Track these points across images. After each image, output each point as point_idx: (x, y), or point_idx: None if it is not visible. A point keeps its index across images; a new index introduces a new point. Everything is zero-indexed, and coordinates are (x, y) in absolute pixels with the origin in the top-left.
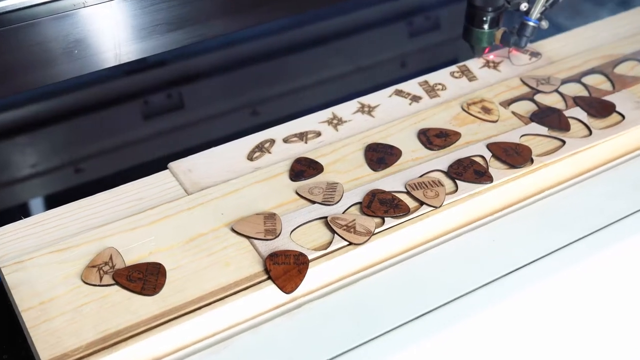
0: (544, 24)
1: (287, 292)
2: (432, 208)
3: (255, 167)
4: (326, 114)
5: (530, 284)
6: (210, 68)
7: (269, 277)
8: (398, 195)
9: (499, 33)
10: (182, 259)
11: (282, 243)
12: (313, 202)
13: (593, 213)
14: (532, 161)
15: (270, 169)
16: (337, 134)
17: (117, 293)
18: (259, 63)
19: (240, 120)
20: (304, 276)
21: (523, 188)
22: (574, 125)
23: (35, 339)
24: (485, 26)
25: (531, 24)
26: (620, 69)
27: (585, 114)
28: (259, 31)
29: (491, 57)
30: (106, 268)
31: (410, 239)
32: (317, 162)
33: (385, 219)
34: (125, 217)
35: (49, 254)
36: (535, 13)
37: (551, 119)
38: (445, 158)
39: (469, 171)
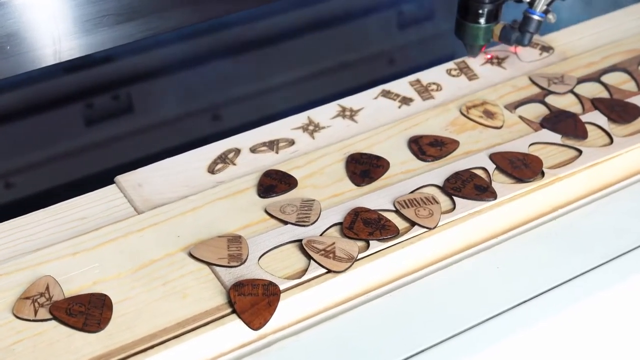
0: (551, 18)
1: (255, 329)
2: (425, 229)
3: (218, 182)
4: (301, 118)
5: (540, 319)
6: (164, 65)
7: (234, 311)
8: (385, 214)
9: (497, 28)
10: (132, 290)
11: (249, 271)
12: (285, 223)
13: (615, 234)
14: (542, 174)
15: (234, 183)
16: (313, 143)
17: (55, 329)
18: (221, 59)
19: (199, 126)
20: (275, 309)
21: (532, 206)
22: (592, 132)
23: None
24: (482, 20)
25: (536, 17)
26: None
27: (605, 118)
28: (220, 22)
29: (488, 56)
30: (42, 300)
31: (400, 266)
32: (290, 176)
33: (370, 242)
34: (65, 240)
35: None
36: (541, 5)
37: (565, 124)
38: (441, 171)
39: (468, 186)
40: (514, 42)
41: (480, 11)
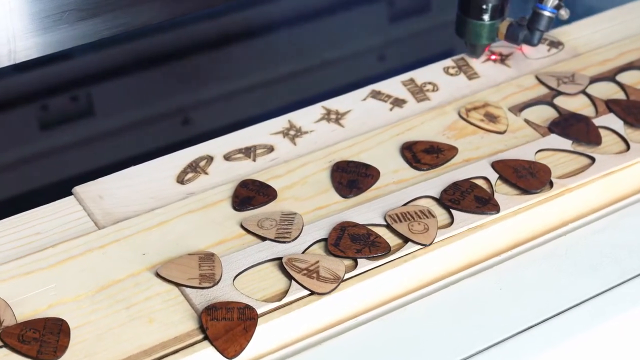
0: (564, 14)
1: (230, 357)
2: (419, 246)
3: (188, 193)
4: (281, 122)
5: (547, 347)
6: (128, 62)
7: (206, 337)
8: (375, 229)
9: (503, 26)
10: (92, 314)
11: (223, 292)
12: (263, 239)
13: (631, 253)
14: (551, 185)
15: (206, 195)
16: (295, 149)
17: (6, 358)
18: (192, 56)
19: (167, 130)
20: (252, 336)
21: (539, 220)
22: (607, 137)
23: None
24: (485, 17)
25: (547, 13)
26: None
27: (621, 122)
28: (191, 16)
29: (493, 57)
30: None
31: (391, 287)
32: (268, 186)
33: (359, 260)
34: (17, 258)
35: None
36: None
37: (576, 129)
38: (438, 181)
39: (468, 198)
40: (522, 42)
41: (484, 6)
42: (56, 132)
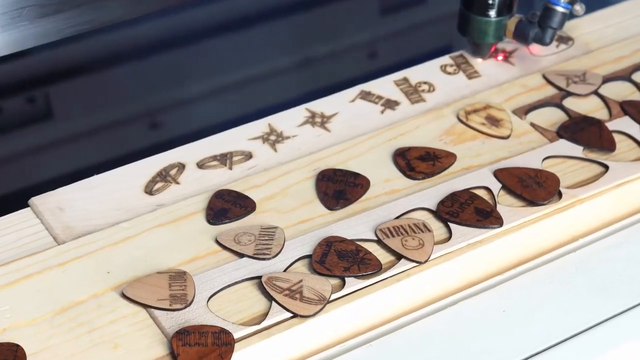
0: (579, 9)
1: None
2: (414, 264)
3: (157, 204)
4: (260, 126)
5: None
6: (90, 60)
7: None
8: (365, 245)
9: (511, 23)
10: (50, 338)
11: (196, 315)
12: (241, 255)
13: None
14: (559, 196)
15: (178, 206)
16: (275, 156)
17: None
18: (161, 53)
19: (134, 135)
20: None
21: (547, 235)
22: (621, 143)
23: None
24: (492, 13)
25: (560, 9)
26: None
27: (637, 126)
28: (162, 9)
29: (500, 59)
30: None
31: (382, 309)
32: (246, 197)
33: (346, 279)
34: None
35: None
36: None
37: (588, 133)
38: (434, 191)
39: (467, 210)
40: (533, 40)
41: (491, 1)
42: (11, 137)
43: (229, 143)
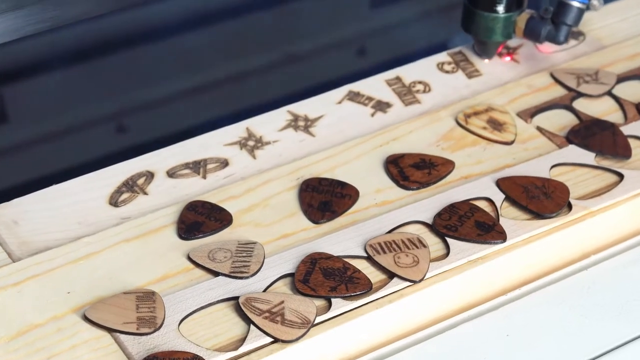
0: (596, 4)
1: None
2: (408, 283)
3: (123, 217)
4: (237, 130)
5: None
6: (49, 58)
7: None
8: (353, 262)
9: (522, 19)
10: None
11: (166, 340)
12: (216, 274)
13: None
14: (569, 207)
15: (146, 219)
16: (254, 164)
17: None
18: (128, 50)
19: (98, 140)
20: None
21: (555, 251)
22: (638, 149)
23: None
24: (500, 8)
25: (576, 4)
26: None
27: None
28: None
29: (508, 59)
30: None
31: (373, 333)
32: (222, 209)
33: (333, 300)
34: None
35: None
36: None
37: (601, 139)
38: (430, 202)
39: (467, 223)
40: (545, 39)
41: None
42: None
43: (202, 149)
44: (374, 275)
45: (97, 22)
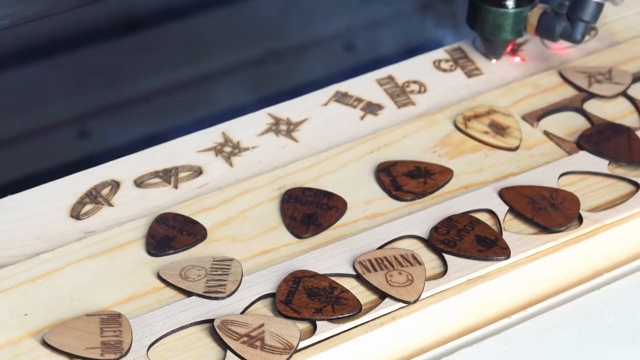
0: None
1: None
2: (401, 304)
3: (86, 231)
4: (212, 135)
5: None
6: (5, 57)
7: None
8: (341, 281)
9: (534, 15)
10: None
11: None
12: (189, 294)
13: None
14: (580, 220)
15: (111, 234)
16: (231, 172)
17: None
18: (89, 47)
19: (58, 145)
20: None
21: (564, 269)
22: None
23: None
24: (509, 2)
25: None
26: None
27: None
28: None
29: (517, 60)
30: None
31: (363, 359)
32: (195, 222)
33: (318, 323)
34: None
35: None
36: None
37: (615, 144)
38: (426, 215)
39: (467, 238)
40: (560, 37)
41: None
42: None
43: (173, 156)
44: (363, 295)
45: (57, 18)
